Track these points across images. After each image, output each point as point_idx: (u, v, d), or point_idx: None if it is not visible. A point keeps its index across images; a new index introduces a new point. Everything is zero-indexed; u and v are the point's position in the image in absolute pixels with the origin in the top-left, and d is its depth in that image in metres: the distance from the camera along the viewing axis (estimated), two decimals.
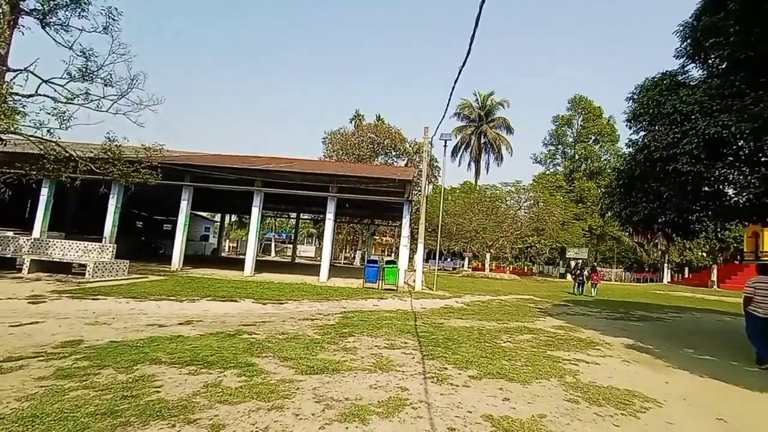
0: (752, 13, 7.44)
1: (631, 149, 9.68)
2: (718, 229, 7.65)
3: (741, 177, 7.15)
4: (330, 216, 15.38)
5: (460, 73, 6.66)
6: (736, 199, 7.45)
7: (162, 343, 5.21)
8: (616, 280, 35.45)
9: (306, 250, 47.64)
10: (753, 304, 6.46)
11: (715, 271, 34.07)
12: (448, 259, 42.96)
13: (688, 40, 9.49)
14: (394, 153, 37.72)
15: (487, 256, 30.20)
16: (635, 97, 9.48)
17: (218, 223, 35.56)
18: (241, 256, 27.80)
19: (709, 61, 9.16)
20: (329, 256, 15.61)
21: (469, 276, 26.61)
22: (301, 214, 32.38)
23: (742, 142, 7.05)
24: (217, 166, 14.87)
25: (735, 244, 33.78)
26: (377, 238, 49.22)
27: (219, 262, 22.79)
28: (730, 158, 7.19)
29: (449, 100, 8.33)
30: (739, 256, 32.06)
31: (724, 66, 8.42)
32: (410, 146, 38.69)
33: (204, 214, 36.30)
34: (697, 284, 33.23)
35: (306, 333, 6.45)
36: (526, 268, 38.64)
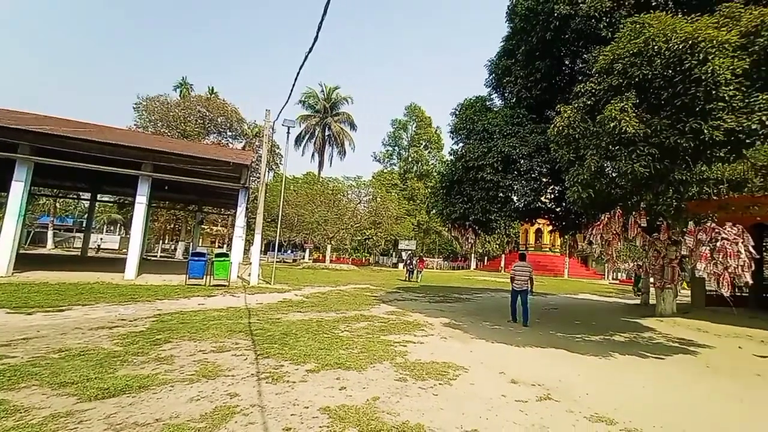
0: (531, 65, 9.83)
1: (452, 157, 11.41)
2: (506, 227, 9.86)
3: (521, 187, 9.35)
4: (142, 200, 12.55)
5: (306, 59, 6.35)
6: (518, 204, 9.73)
7: None
8: (437, 268, 41.84)
9: (108, 241, 38.02)
10: (513, 281, 9.05)
11: (503, 259, 44.45)
12: (289, 251, 41.97)
13: (493, 75, 11.88)
14: (229, 133, 34.07)
15: (328, 247, 30.90)
16: (457, 113, 11.22)
17: None
18: None
19: (505, 95, 11.69)
20: (139, 248, 12.76)
21: (309, 268, 26.58)
22: (99, 195, 25.42)
23: (522, 161, 9.20)
24: None
25: (516, 238, 45.20)
26: (206, 227, 43.80)
27: None
28: (516, 172, 9.30)
29: (293, 85, 7.92)
30: (517, 247, 43.60)
31: (514, 100, 10.84)
32: (249, 128, 35.78)
33: None
34: (492, 269, 42.47)
35: (100, 346, 5.00)
36: (363, 258, 41.45)
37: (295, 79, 7.30)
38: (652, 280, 10.97)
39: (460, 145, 10.49)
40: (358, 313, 9.02)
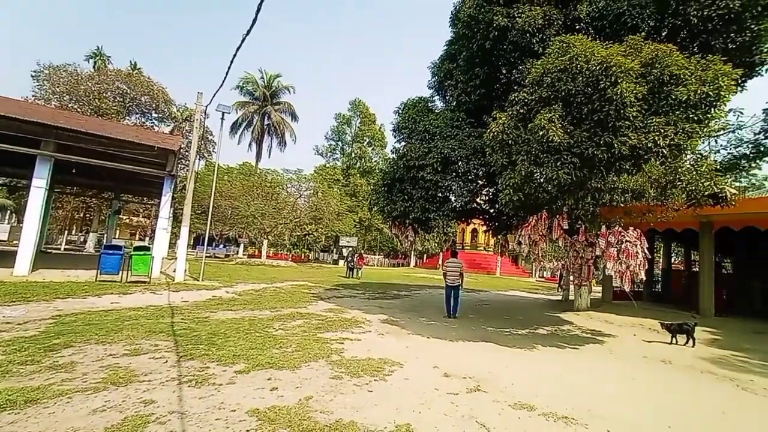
0: (471, 70, 10.29)
1: (394, 155, 11.53)
2: (444, 225, 10.23)
3: (458, 188, 9.75)
4: (40, 183, 10.77)
5: (243, 41, 5.94)
6: (455, 204, 10.13)
7: None
8: (377, 265, 42.21)
9: None
10: (446, 277, 9.61)
11: (441, 257, 46.19)
12: (221, 246, 39.44)
13: (436, 77, 12.24)
14: (155, 115, 30.91)
15: (265, 242, 29.54)
16: (400, 112, 11.36)
17: None
18: None
19: (446, 97, 12.10)
20: (35, 239, 10.98)
21: (243, 264, 25.18)
22: None
23: (460, 162, 9.59)
24: None
25: (453, 237, 47.19)
26: (125, 217, 39.50)
27: None
28: (454, 174, 9.67)
29: (229, 67, 7.35)
30: (454, 246, 45.61)
31: (454, 104, 11.25)
32: (179, 111, 32.87)
33: None
34: (431, 267, 43.94)
35: None
36: (303, 255, 40.31)
37: (231, 61, 6.80)
38: (571, 277, 12.15)
39: (402, 143, 10.64)
40: (294, 311, 8.73)
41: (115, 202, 21.63)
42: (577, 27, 8.35)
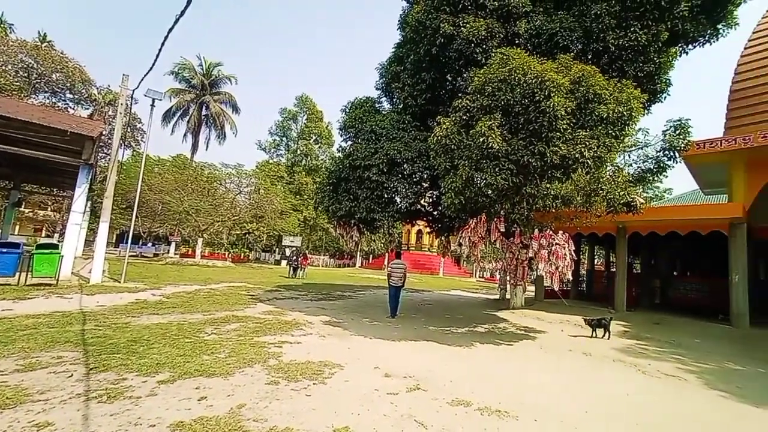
0: (418, 75, 10.50)
1: (340, 154, 11.38)
2: (390, 226, 10.29)
3: (404, 190, 9.87)
4: None
5: (176, 21, 5.44)
6: (400, 205, 10.24)
7: None
8: (322, 266, 41.29)
9: None
10: (390, 278, 9.70)
11: (387, 257, 46.49)
12: (149, 244, 36.06)
13: (383, 79, 12.31)
14: (70, 95, 27.31)
15: (200, 241, 27.49)
16: (347, 110, 11.24)
17: None
18: None
19: (393, 99, 12.23)
20: None
21: (175, 264, 23.19)
22: None
23: (406, 164, 9.72)
24: None
25: (399, 238, 47.78)
26: (27, 211, 34.46)
27: None
28: (400, 175, 9.78)
29: (160, 49, 6.69)
30: (400, 246, 46.19)
31: (401, 106, 11.40)
32: (100, 94, 29.47)
33: None
34: (377, 267, 44.04)
35: None
36: (243, 255, 38.16)
37: (162, 43, 6.19)
38: (508, 277, 12.91)
39: (349, 143, 10.55)
40: (229, 314, 8.20)
41: (14, 193, 18.67)
42: (516, 42, 8.90)
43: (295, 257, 22.90)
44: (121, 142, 12.52)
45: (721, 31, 10.05)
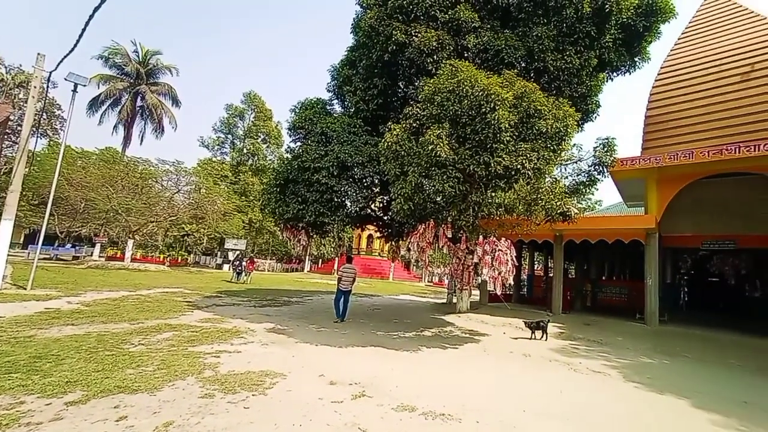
0: (370, 80, 10.56)
1: (289, 155, 11.03)
2: (340, 230, 10.14)
3: (354, 194, 9.80)
4: None
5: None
6: (350, 209, 10.14)
7: None
8: (269, 270, 39.41)
9: None
10: (340, 282, 9.64)
11: (337, 262, 45.78)
12: (68, 246, 32.17)
13: (335, 81, 12.21)
14: None
15: (130, 243, 24.98)
16: (297, 111, 10.96)
17: None
18: None
19: (345, 103, 12.16)
20: None
21: (99, 267, 20.85)
22: None
23: (357, 168, 9.67)
24: None
25: (350, 243, 47.36)
26: None
27: None
28: (350, 179, 9.69)
29: (84, 28, 6.03)
30: (350, 251, 45.82)
31: (353, 110, 11.36)
32: (10, 75, 25.96)
33: None
34: (326, 272, 43.08)
35: None
36: (181, 258, 35.33)
37: (87, 22, 5.58)
38: (455, 282, 13.30)
39: (298, 144, 10.28)
40: (161, 323, 7.52)
41: None
42: (465, 55, 9.29)
43: (239, 261, 21.79)
44: (34, 129, 11.04)
45: (637, 63, 11.36)
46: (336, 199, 9.50)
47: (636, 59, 11.19)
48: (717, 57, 13.50)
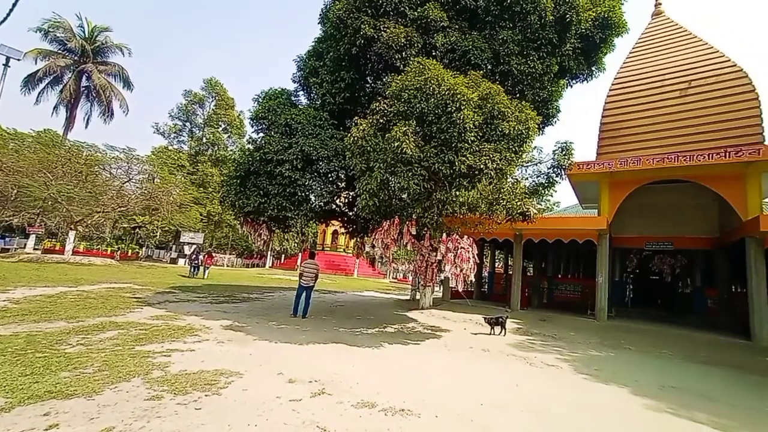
0: (337, 73, 10.37)
1: (251, 146, 10.60)
2: (303, 225, 9.89)
3: (319, 188, 9.60)
4: None
5: None
6: (315, 204, 9.93)
7: None
8: (228, 265, 37.76)
9: None
10: (302, 277, 9.46)
11: (300, 258, 44.77)
12: None
13: (301, 72, 11.90)
14: None
15: (71, 234, 22.95)
16: (260, 100, 10.55)
17: None
18: None
19: (311, 95, 11.88)
20: None
21: (33, 261, 19.01)
22: None
23: (322, 162, 9.48)
24: None
25: (314, 238, 46.51)
26: None
27: None
28: (315, 173, 9.48)
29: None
30: (314, 247, 44.98)
31: (319, 102, 11.12)
32: None
33: None
34: (289, 267, 41.94)
35: None
36: (132, 252, 32.96)
37: None
38: (419, 278, 13.45)
39: (261, 135, 9.91)
40: (105, 320, 6.97)
41: None
42: (433, 53, 9.35)
43: (195, 255, 20.77)
44: None
45: (594, 72, 12.02)
46: (300, 193, 9.25)
47: (593, 68, 11.84)
48: (660, 73, 14.62)
